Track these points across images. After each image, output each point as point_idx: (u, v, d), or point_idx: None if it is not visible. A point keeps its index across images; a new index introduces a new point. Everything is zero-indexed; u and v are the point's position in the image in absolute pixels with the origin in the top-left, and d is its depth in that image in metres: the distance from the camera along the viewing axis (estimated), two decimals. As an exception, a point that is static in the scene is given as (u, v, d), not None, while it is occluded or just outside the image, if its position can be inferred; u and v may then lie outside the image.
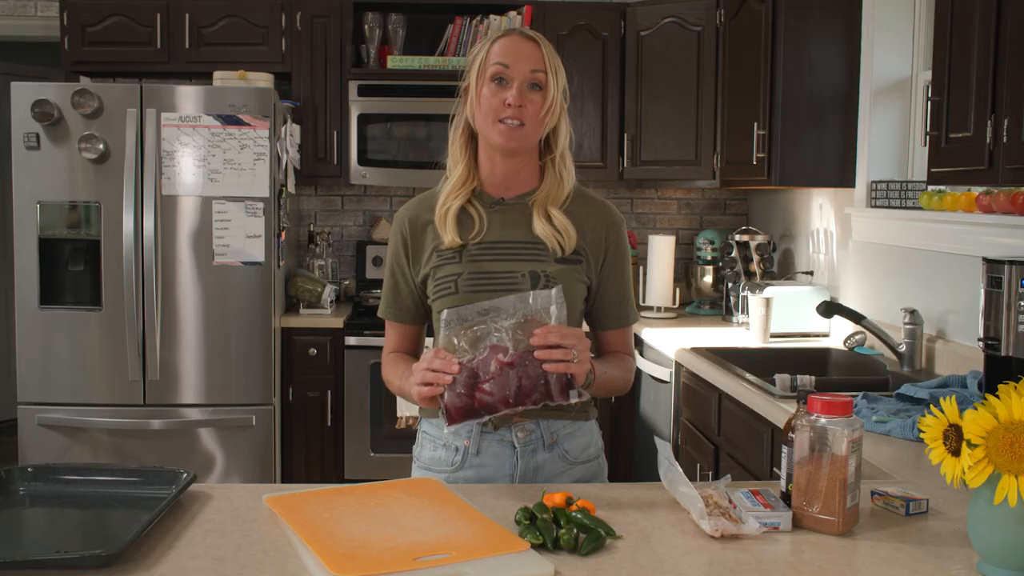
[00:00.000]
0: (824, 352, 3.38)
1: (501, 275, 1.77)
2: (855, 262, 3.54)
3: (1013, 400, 1.25)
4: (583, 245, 1.81)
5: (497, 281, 1.77)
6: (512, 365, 1.57)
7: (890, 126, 3.39)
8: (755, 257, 4.00)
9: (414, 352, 1.94)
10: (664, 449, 1.56)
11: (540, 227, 1.79)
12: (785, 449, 1.51)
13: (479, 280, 1.77)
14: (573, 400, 1.60)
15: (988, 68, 2.14)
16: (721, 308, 4.30)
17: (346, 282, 4.63)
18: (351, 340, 4.08)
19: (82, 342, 3.85)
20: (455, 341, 1.60)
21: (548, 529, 1.38)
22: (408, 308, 1.89)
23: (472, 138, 1.84)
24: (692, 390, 3.24)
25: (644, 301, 4.30)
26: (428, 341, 1.91)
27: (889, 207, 3.27)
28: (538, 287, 1.75)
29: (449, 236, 1.78)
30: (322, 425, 4.12)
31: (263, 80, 4.07)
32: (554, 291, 1.63)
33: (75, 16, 4.25)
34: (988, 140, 2.13)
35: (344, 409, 4.10)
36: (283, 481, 4.08)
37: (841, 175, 3.52)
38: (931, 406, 1.37)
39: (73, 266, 3.82)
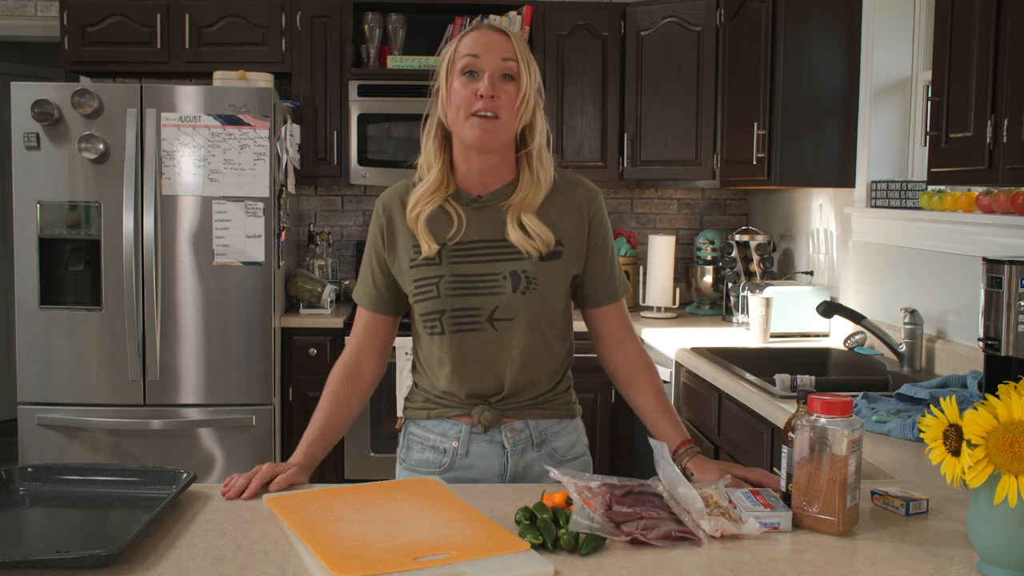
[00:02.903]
0: (824, 352, 3.38)
1: (482, 277, 1.73)
2: (855, 262, 3.54)
3: (1013, 400, 1.24)
4: (561, 238, 1.76)
5: (478, 284, 1.73)
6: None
7: (890, 126, 3.39)
8: (755, 257, 4.00)
9: (377, 345, 1.85)
10: (661, 450, 1.55)
11: (514, 235, 1.73)
12: (785, 449, 1.51)
13: (460, 283, 1.73)
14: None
15: (988, 68, 2.14)
16: (721, 308, 4.30)
17: (346, 282, 4.63)
18: (351, 340, 4.07)
19: (82, 342, 3.85)
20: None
21: (548, 529, 1.38)
22: (382, 296, 1.82)
23: (446, 140, 1.78)
24: (692, 390, 3.24)
25: (644, 301, 4.30)
26: (405, 341, 1.87)
27: (889, 207, 3.27)
28: (519, 289, 1.72)
29: (425, 244, 1.73)
30: (322, 425, 4.11)
31: (263, 80, 4.07)
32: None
33: (75, 16, 4.25)
34: (988, 140, 2.13)
35: (344, 409, 4.09)
36: (283, 481, 4.08)
37: (841, 175, 3.53)
38: (931, 406, 1.36)
39: (73, 266, 3.82)
